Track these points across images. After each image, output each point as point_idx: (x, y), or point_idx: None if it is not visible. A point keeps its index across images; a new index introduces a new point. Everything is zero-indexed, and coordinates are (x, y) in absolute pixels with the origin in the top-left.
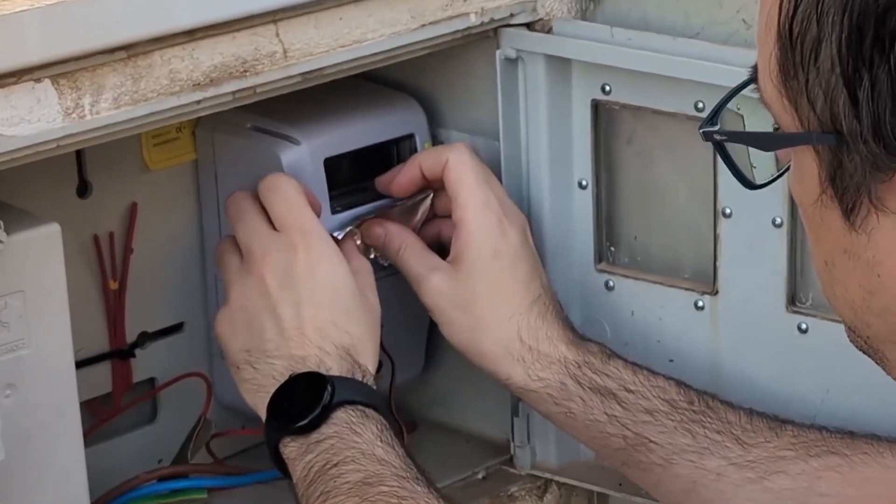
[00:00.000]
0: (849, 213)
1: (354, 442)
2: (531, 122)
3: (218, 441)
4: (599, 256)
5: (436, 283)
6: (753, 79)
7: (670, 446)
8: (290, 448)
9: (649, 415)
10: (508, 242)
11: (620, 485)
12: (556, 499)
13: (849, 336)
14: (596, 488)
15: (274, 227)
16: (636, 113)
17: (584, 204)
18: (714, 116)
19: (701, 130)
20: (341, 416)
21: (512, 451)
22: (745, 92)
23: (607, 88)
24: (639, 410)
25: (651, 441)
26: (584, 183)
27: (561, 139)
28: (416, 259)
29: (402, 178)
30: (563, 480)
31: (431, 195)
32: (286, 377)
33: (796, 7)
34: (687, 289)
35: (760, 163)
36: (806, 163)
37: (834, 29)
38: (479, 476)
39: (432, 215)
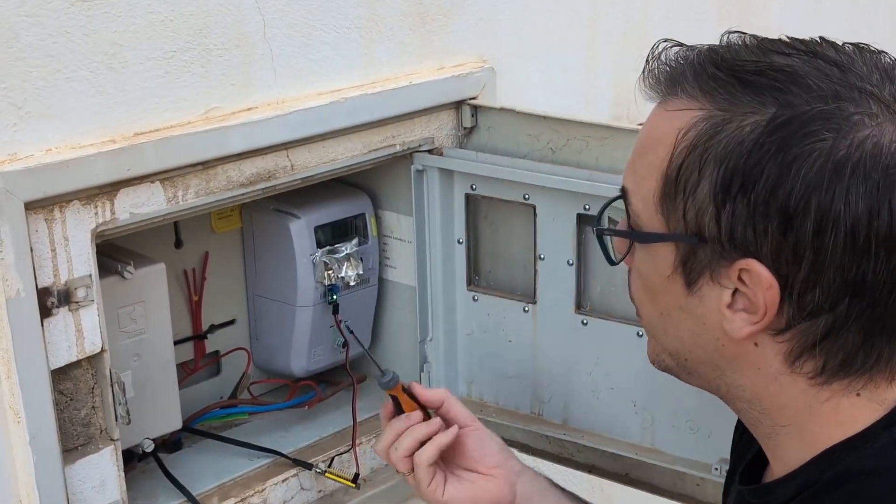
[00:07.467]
0: (690, 285)
1: None
2: (431, 207)
3: (254, 386)
4: (469, 281)
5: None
6: (622, 195)
7: None
8: None
9: None
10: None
11: None
12: None
13: (656, 360)
14: None
15: None
16: (490, 201)
17: (461, 253)
18: (598, 219)
19: (595, 229)
20: None
21: None
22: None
23: (474, 187)
24: None
25: None
26: (460, 240)
27: (447, 216)
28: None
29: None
30: None
31: None
32: None
33: (683, 160)
34: (519, 300)
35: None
36: (662, 252)
37: (712, 175)
38: None
39: None
